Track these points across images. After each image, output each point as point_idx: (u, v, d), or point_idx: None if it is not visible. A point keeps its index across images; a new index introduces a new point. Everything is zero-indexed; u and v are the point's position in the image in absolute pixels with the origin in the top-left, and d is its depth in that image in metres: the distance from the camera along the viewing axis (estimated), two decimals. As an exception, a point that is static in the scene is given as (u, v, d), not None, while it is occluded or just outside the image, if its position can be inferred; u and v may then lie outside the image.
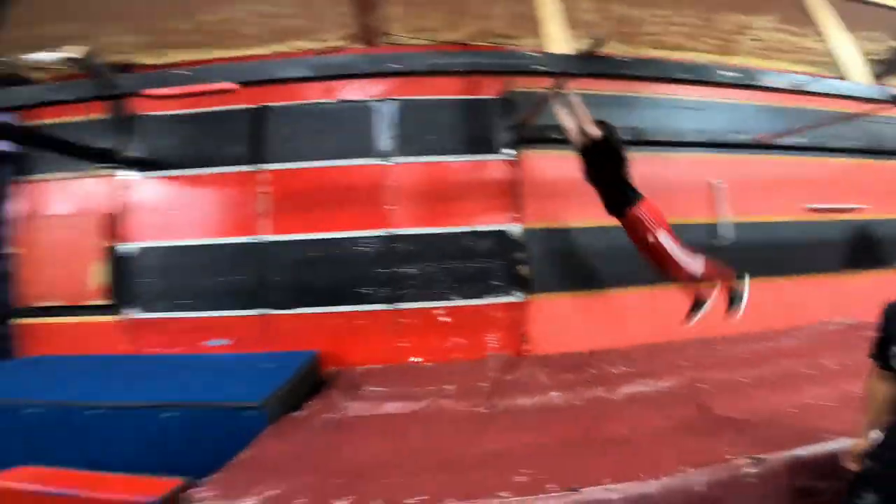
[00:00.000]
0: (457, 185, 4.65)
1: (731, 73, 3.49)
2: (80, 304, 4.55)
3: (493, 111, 4.76)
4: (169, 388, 3.16)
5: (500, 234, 4.61)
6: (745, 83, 3.55)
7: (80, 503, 2.37)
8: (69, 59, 2.90)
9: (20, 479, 2.49)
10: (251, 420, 2.84)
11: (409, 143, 4.65)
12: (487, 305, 4.56)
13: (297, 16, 4.36)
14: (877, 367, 1.87)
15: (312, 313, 4.47)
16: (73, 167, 4.64)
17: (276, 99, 4.63)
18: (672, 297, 4.81)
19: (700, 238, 4.90)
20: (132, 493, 2.30)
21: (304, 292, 4.44)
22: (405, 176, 4.63)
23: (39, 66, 4.25)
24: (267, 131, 4.66)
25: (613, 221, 4.79)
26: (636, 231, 3.50)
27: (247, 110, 4.64)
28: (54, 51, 3.04)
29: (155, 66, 4.61)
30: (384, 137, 4.66)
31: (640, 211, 3.46)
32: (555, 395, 3.43)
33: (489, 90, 4.76)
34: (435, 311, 4.52)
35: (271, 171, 4.61)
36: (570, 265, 4.69)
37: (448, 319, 4.52)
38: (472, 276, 4.57)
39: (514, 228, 4.61)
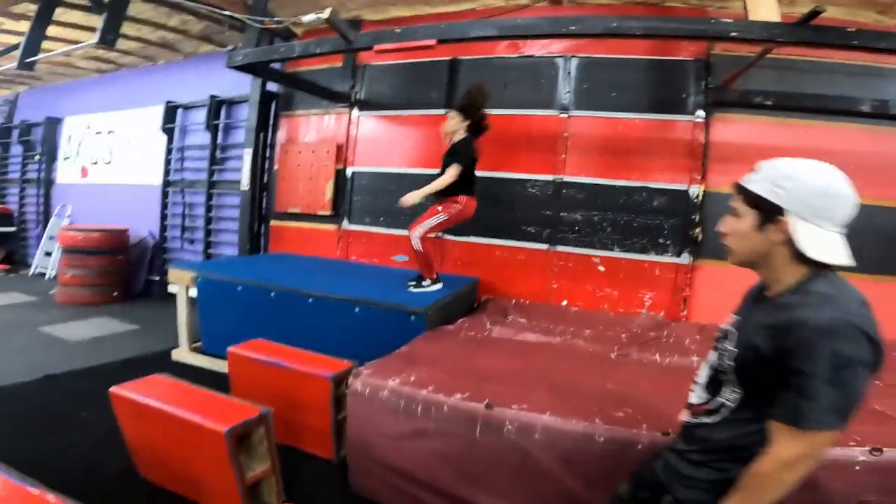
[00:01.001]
0: (637, 142, 4.58)
1: None
2: (314, 213, 5.83)
3: (688, 72, 4.48)
4: (363, 289, 3.95)
5: (678, 194, 4.46)
6: None
7: (283, 373, 2.92)
8: (325, 20, 3.76)
9: (251, 348, 3.14)
10: (414, 323, 3.50)
11: (591, 97, 4.71)
12: (649, 262, 4.54)
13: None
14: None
15: (479, 243, 5.03)
16: (319, 105, 5.85)
17: (467, 53, 5.08)
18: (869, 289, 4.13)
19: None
20: (319, 368, 2.85)
21: (475, 223, 4.80)
22: (582, 128, 4.73)
23: (301, 24, 5.38)
24: (458, 81, 5.18)
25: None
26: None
27: (442, 62, 5.19)
28: (315, 14, 3.90)
29: (378, 22, 5.45)
30: (565, 91, 4.79)
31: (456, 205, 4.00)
32: (694, 360, 3.41)
33: (686, 52, 4.49)
34: (593, 259, 4.68)
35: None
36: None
37: (604, 269, 4.65)
38: (639, 230, 4.55)
39: (694, 189, 4.41)
